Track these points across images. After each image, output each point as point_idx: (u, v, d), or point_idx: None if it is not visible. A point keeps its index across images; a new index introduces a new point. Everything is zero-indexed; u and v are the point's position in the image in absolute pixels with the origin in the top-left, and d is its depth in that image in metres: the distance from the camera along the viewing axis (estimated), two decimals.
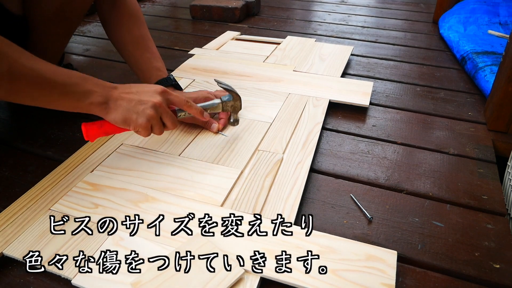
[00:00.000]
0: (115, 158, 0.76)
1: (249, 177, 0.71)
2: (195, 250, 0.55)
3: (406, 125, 0.93)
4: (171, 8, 1.94)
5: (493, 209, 0.68)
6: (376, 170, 0.77)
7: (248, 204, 0.65)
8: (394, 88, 1.11)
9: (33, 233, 0.59)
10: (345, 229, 0.63)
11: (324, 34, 1.56)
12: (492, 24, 1.46)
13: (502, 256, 0.59)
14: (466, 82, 1.17)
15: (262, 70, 1.13)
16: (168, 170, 0.73)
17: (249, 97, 0.99)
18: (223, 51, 1.30)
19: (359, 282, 0.52)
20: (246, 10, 1.74)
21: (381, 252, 0.57)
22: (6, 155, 0.79)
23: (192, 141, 0.82)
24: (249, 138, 0.82)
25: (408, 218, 0.66)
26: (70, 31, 0.90)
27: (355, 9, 1.96)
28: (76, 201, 0.65)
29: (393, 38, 1.53)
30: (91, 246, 0.57)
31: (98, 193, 0.67)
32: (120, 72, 1.19)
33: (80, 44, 1.42)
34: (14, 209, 0.63)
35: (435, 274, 0.57)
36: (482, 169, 0.78)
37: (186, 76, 1.10)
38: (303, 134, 0.84)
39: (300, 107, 0.94)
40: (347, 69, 1.22)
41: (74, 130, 0.87)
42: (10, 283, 0.54)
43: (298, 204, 0.65)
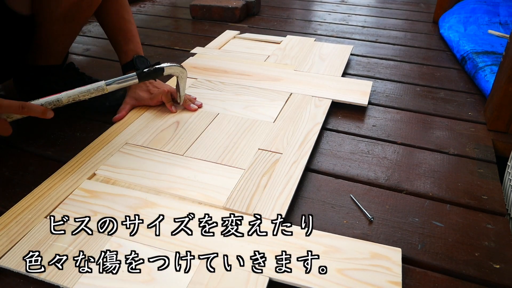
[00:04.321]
0: (118, 158, 0.76)
1: (246, 176, 0.72)
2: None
3: (406, 125, 0.93)
4: (171, 8, 1.94)
5: (493, 209, 0.68)
6: (376, 170, 0.77)
7: (243, 202, 0.65)
8: (394, 88, 1.11)
9: (29, 243, 0.57)
10: (345, 229, 0.63)
11: (324, 34, 1.56)
12: (492, 24, 1.46)
13: (502, 256, 0.59)
14: (466, 82, 1.17)
15: (263, 70, 1.13)
16: (171, 169, 0.73)
17: (250, 96, 0.99)
18: (224, 50, 1.30)
19: (365, 280, 0.53)
20: (246, 10, 1.74)
21: (386, 250, 0.57)
22: (6, 155, 0.79)
23: (196, 140, 0.82)
24: (253, 138, 0.82)
25: (408, 218, 0.66)
26: (76, 32, 0.91)
27: (355, 9, 1.95)
28: (74, 209, 0.63)
29: (393, 38, 1.53)
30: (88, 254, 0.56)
31: (96, 200, 0.65)
32: (120, 72, 1.18)
33: (80, 44, 1.42)
34: (9, 218, 0.61)
35: (435, 274, 0.57)
36: (482, 169, 0.78)
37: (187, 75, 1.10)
38: (301, 133, 0.84)
39: (302, 107, 0.94)
40: (347, 69, 1.22)
41: (74, 130, 0.87)
42: (10, 283, 0.54)
43: (288, 203, 0.65)
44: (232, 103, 0.96)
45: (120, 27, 0.92)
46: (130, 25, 0.93)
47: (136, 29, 0.95)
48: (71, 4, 0.81)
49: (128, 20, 0.93)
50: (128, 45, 0.92)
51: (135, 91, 0.91)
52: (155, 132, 0.84)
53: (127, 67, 0.92)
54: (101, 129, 0.85)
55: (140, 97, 0.91)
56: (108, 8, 0.91)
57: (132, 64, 0.90)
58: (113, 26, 0.92)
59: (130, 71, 0.90)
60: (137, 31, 0.95)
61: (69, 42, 0.92)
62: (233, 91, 1.02)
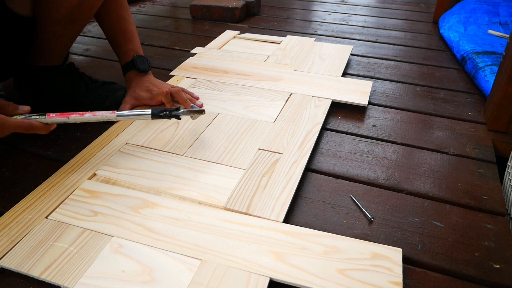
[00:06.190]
0: (118, 158, 0.76)
1: (246, 176, 0.72)
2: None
3: (406, 125, 0.93)
4: (171, 8, 1.94)
5: (493, 209, 0.68)
6: (376, 170, 0.77)
7: (243, 202, 0.65)
8: (394, 88, 1.11)
9: (30, 243, 0.57)
10: (345, 229, 0.64)
11: (324, 34, 1.56)
12: (492, 24, 1.46)
13: (502, 256, 0.59)
14: (466, 82, 1.17)
15: (263, 70, 1.13)
16: (172, 169, 0.73)
17: (250, 96, 0.99)
18: (224, 50, 1.30)
19: (366, 281, 0.53)
20: (246, 10, 1.74)
21: (386, 250, 0.57)
22: (6, 155, 0.79)
23: (196, 140, 0.82)
24: (253, 138, 0.83)
25: (408, 218, 0.66)
26: (76, 32, 0.91)
27: (355, 9, 1.95)
28: (74, 209, 0.63)
29: (393, 38, 1.53)
30: (88, 254, 0.56)
31: (96, 200, 0.65)
32: (120, 72, 1.18)
33: (80, 44, 1.42)
34: (10, 218, 0.61)
35: (435, 274, 0.57)
36: (482, 169, 0.78)
37: (187, 75, 1.10)
38: (301, 134, 0.84)
39: (302, 107, 0.94)
40: (347, 69, 1.22)
41: (74, 130, 0.87)
42: (10, 283, 0.54)
43: (288, 203, 0.65)
44: (232, 103, 0.96)
45: (119, 27, 0.92)
46: (130, 25, 0.93)
47: (135, 29, 0.95)
48: (72, 6, 0.81)
49: (128, 20, 0.93)
50: (128, 45, 0.92)
51: (135, 91, 0.91)
52: (156, 132, 0.84)
53: (127, 67, 0.92)
54: (101, 129, 0.85)
55: (140, 96, 0.91)
56: (108, 8, 0.91)
57: (133, 63, 0.90)
58: (112, 27, 0.92)
59: (131, 71, 0.91)
60: (136, 31, 0.95)
61: (69, 43, 0.92)
62: (233, 91, 1.02)
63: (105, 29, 0.94)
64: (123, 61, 0.92)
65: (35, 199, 0.65)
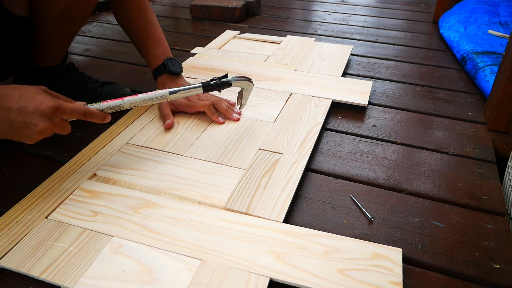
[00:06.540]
0: (118, 158, 0.76)
1: (246, 176, 0.72)
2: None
3: (406, 125, 0.93)
4: (171, 8, 1.94)
5: (493, 209, 0.68)
6: (376, 170, 0.77)
7: (243, 202, 0.65)
8: (394, 88, 1.11)
9: (30, 243, 0.57)
10: (345, 229, 0.64)
11: (324, 34, 1.56)
12: (492, 24, 1.46)
13: (502, 256, 0.59)
14: (466, 82, 1.17)
15: (263, 70, 1.13)
16: (172, 169, 0.73)
17: (251, 96, 0.98)
18: (224, 50, 1.30)
19: (366, 281, 0.53)
20: (246, 10, 1.74)
21: (386, 250, 0.57)
22: (6, 155, 0.79)
23: (197, 140, 0.82)
24: (253, 138, 0.82)
25: (408, 218, 0.66)
26: (74, 31, 0.91)
27: (355, 9, 1.95)
28: (74, 209, 0.63)
29: (393, 38, 1.53)
30: (88, 254, 0.56)
31: (96, 200, 0.65)
32: (120, 72, 1.19)
33: (80, 44, 1.42)
34: (10, 218, 0.61)
35: (435, 274, 0.57)
36: (482, 169, 0.78)
37: (187, 75, 1.10)
38: (301, 134, 0.84)
39: (302, 107, 0.94)
40: (347, 69, 1.22)
41: (74, 130, 0.87)
42: (10, 283, 0.54)
43: (288, 203, 0.65)
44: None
45: (147, 30, 0.90)
46: (157, 28, 0.92)
47: (162, 31, 0.94)
48: (68, 4, 0.81)
49: (154, 23, 0.92)
50: (157, 49, 0.90)
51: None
52: (156, 132, 0.84)
53: (159, 70, 0.90)
54: (101, 129, 0.85)
55: (178, 102, 0.88)
56: (132, 13, 0.89)
57: (164, 67, 0.88)
58: (139, 31, 0.91)
59: (163, 75, 0.89)
60: (163, 33, 0.94)
61: (67, 42, 0.92)
62: (233, 91, 1.01)
63: (131, 33, 0.92)
64: (154, 65, 0.90)
65: (35, 199, 0.65)
